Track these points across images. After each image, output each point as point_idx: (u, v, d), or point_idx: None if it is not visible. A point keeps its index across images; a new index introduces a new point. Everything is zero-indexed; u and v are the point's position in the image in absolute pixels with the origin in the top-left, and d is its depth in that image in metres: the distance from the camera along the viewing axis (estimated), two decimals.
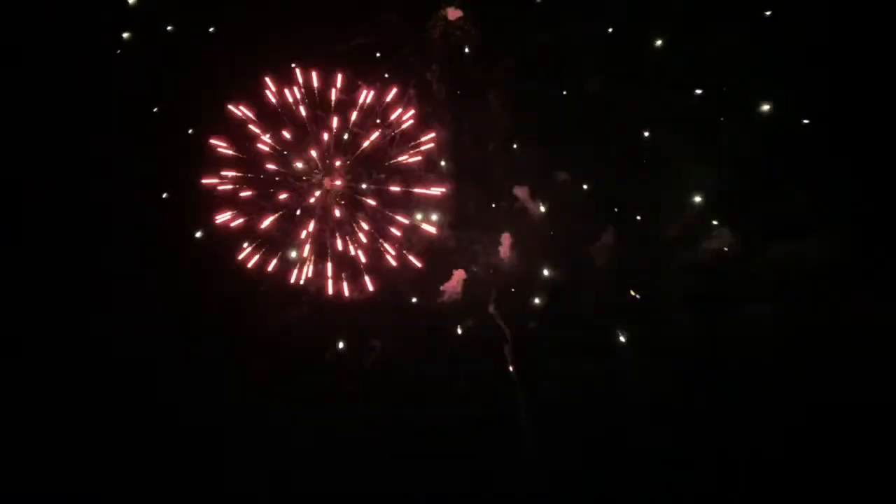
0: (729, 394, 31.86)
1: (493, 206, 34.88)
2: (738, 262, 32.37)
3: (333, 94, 35.94)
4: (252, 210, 36.09)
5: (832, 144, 31.10)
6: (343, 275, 35.70)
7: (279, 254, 36.16)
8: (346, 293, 35.45)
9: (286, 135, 35.94)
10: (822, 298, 30.63)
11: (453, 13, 35.11)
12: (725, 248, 32.59)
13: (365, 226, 35.62)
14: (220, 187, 36.24)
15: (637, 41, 33.40)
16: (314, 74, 35.55)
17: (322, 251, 36.13)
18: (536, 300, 34.39)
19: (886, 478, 29.12)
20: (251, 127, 36.20)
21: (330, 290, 35.49)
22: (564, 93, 34.43)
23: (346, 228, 35.99)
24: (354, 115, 35.57)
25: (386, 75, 35.96)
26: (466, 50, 35.03)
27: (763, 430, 31.25)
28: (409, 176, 35.36)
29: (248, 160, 36.33)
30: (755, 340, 31.56)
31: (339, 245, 35.84)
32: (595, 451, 32.30)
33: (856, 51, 30.39)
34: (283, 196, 36.38)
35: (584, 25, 33.70)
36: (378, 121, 35.72)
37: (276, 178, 36.57)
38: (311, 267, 36.44)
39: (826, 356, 30.19)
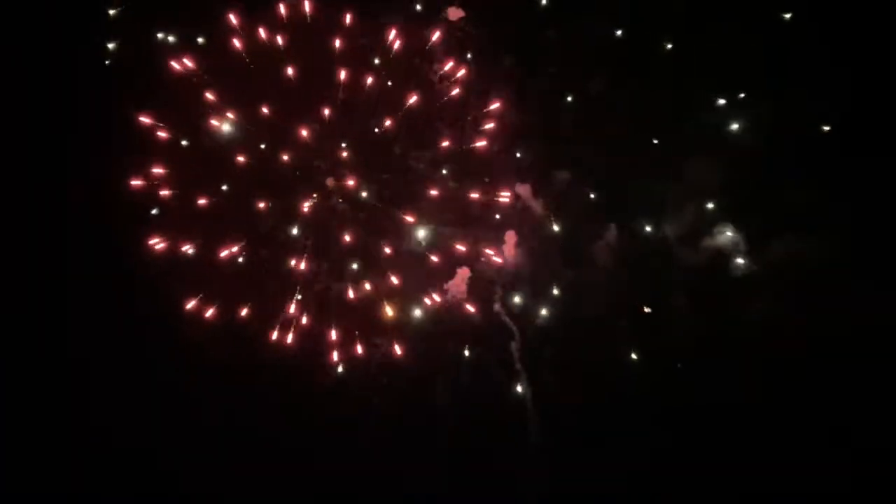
0: (732, 393, 30.88)
1: (497, 204, 33.09)
2: (742, 261, 31.72)
3: (338, 43, 29.29)
4: (206, 230, 29.72)
5: (835, 143, 30.92)
6: (356, 335, 29.80)
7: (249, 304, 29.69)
8: (360, 350, 29.91)
9: (264, 110, 29.25)
10: (826, 298, 29.97)
11: (455, 13, 33.26)
12: (729, 248, 31.83)
13: (388, 249, 30.15)
14: (161, 192, 29.47)
15: (640, 41, 32.92)
16: (307, 3, 28.46)
17: (322, 298, 30.05)
18: (542, 298, 33.22)
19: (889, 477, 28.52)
20: (207, 95, 29.05)
21: (335, 357, 29.79)
22: (567, 92, 33.65)
23: (360, 260, 30.24)
24: (371, 78, 29.33)
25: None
26: (469, 54, 33.72)
27: (767, 429, 30.52)
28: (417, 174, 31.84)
29: (202, 149, 29.89)
30: (759, 339, 30.91)
31: (350, 291, 29.72)
32: (599, 448, 31.42)
33: (857, 51, 30.11)
34: (259, 206, 29.84)
35: (586, 26, 33.01)
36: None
37: (247, 176, 30.15)
38: (303, 319, 30.01)
39: (829, 355, 29.62)
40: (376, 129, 31.12)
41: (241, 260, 30.37)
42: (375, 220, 31.50)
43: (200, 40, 31.76)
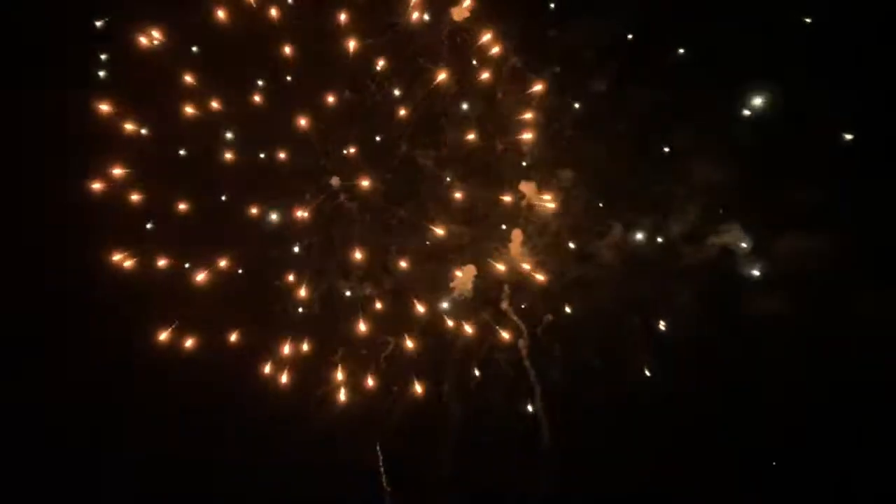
0: (739, 391, 30.75)
1: (502, 202, 32.94)
2: (752, 262, 31.42)
3: (343, 16, 27.60)
4: (185, 241, 27.34)
5: (840, 142, 30.75)
6: (369, 374, 28.38)
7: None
8: (370, 383, 28.53)
9: (256, 98, 27.35)
10: (833, 295, 29.80)
11: (459, 13, 32.81)
12: (735, 245, 31.49)
13: (404, 264, 29.29)
14: (133, 197, 26.87)
15: (646, 40, 32.60)
16: None
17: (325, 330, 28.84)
18: (549, 296, 32.78)
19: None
20: (186, 77, 26.63)
21: (342, 398, 28.25)
22: (573, 91, 33.18)
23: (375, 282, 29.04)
24: (383, 61, 28.30)
25: None
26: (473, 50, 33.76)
27: (774, 428, 30.32)
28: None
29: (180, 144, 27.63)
30: (767, 338, 30.66)
31: (362, 324, 28.24)
32: (609, 446, 31.09)
33: (860, 49, 30.14)
34: (251, 211, 27.90)
35: (593, 25, 32.61)
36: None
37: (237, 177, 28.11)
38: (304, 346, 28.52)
39: (835, 353, 29.43)
40: (377, 139, 29.66)
41: (240, 271, 28.26)
42: (389, 227, 30.36)
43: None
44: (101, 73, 28.92)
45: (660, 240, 32.21)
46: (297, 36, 28.31)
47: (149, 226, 27.01)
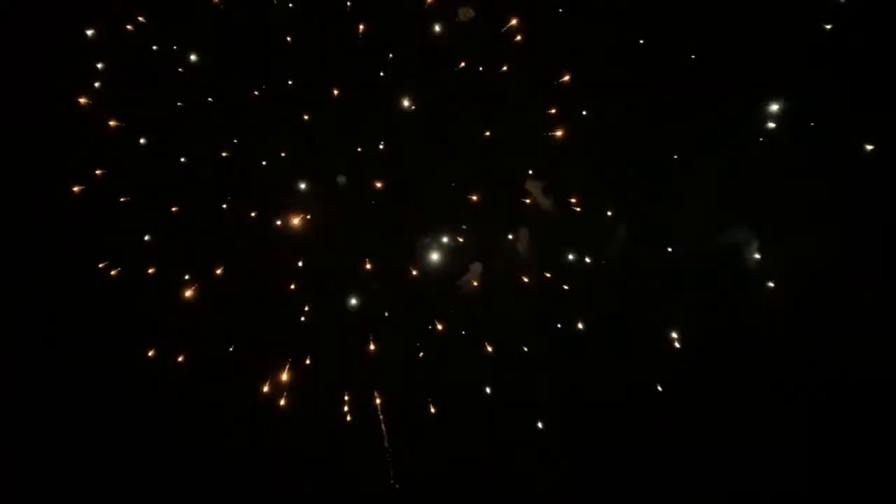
0: (743, 391, 30.52)
1: (506, 201, 32.88)
2: (752, 259, 31.36)
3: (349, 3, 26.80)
4: (177, 248, 26.28)
5: (851, 145, 30.37)
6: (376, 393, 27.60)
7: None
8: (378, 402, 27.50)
9: (255, 92, 26.45)
10: (838, 297, 29.63)
11: (465, 14, 32.30)
12: (743, 247, 31.42)
13: (411, 265, 29.05)
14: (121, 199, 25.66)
15: (655, 43, 32.33)
16: None
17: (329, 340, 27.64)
18: (556, 294, 32.52)
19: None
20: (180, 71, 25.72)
21: (348, 418, 27.40)
22: (580, 92, 32.99)
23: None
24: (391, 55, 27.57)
25: None
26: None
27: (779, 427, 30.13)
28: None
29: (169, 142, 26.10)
30: (772, 338, 30.49)
31: (371, 343, 27.65)
32: (615, 446, 30.95)
33: (860, 47, 29.99)
34: (251, 215, 26.61)
35: (600, 27, 32.43)
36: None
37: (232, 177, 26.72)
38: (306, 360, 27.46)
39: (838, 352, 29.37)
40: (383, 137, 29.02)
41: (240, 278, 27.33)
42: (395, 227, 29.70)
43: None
44: (95, 71, 27.44)
45: (665, 241, 31.93)
46: (300, 28, 27.56)
47: (147, 237, 26.03)
